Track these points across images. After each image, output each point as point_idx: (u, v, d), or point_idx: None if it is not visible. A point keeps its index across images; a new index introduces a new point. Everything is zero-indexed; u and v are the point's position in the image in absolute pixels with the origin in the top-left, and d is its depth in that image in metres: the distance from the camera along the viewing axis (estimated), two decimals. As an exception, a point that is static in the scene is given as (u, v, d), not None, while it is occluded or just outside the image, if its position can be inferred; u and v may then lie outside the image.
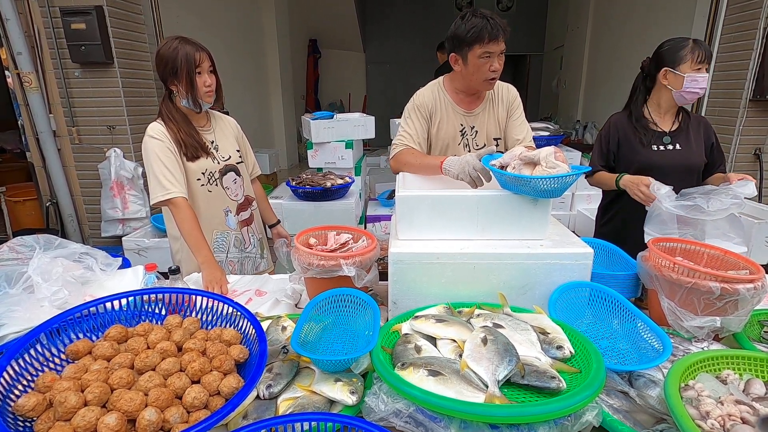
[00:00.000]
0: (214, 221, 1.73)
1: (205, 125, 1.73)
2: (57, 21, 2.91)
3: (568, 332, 0.97)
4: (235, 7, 5.57)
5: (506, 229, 1.22)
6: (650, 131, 1.74)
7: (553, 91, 8.15)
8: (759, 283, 1.01)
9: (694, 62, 1.58)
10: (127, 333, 0.95)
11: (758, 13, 2.85)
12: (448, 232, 1.22)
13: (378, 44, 9.25)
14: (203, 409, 0.79)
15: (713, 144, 1.74)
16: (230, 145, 1.78)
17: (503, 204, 1.20)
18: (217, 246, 1.76)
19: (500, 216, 1.21)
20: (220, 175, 1.72)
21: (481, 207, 1.20)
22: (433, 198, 1.20)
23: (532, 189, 1.15)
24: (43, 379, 0.81)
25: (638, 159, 1.73)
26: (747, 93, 2.97)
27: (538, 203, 1.19)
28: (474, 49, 1.48)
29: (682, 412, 0.73)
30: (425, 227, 1.21)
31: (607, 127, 1.83)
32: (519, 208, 1.20)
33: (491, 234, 1.22)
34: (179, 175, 1.57)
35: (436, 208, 1.20)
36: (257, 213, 1.93)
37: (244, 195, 1.83)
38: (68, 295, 1.24)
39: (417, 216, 1.21)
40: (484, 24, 1.43)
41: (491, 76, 1.52)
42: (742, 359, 0.92)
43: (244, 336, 0.99)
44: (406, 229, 1.22)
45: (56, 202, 3.33)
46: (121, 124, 3.11)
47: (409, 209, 1.21)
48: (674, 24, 4.19)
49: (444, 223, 1.21)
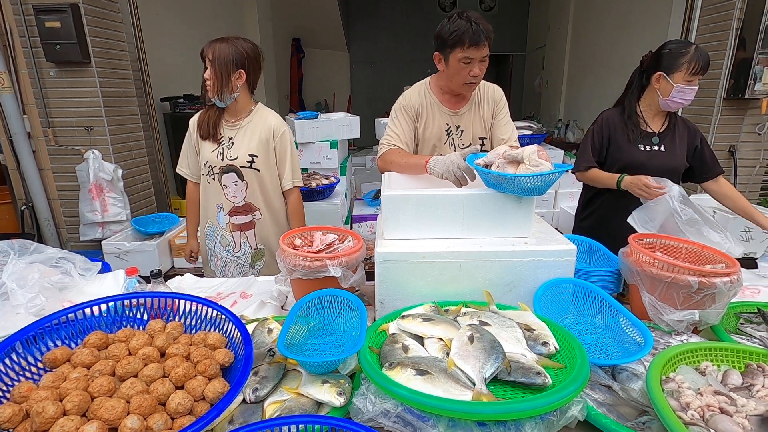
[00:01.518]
0: (208, 211, 1.85)
1: (236, 121, 1.76)
2: (30, 19, 2.81)
3: (553, 328, 0.99)
4: (216, 6, 5.48)
5: (491, 227, 1.23)
6: (639, 130, 1.75)
7: (536, 91, 8.26)
8: (735, 276, 1.05)
9: (688, 73, 1.58)
10: (108, 339, 0.93)
11: (731, 14, 2.93)
12: (433, 231, 1.22)
13: (362, 44, 9.22)
14: (188, 415, 0.78)
15: (696, 147, 1.75)
16: (245, 148, 1.73)
17: (488, 203, 1.21)
18: (208, 234, 1.89)
19: (485, 215, 1.22)
20: (220, 171, 1.75)
21: (466, 206, 1.21)
22: (418, 197, 1.21)
23: (516, 187, 1.16)
24: (19, 389, 0.78)
25: (624, 157, 1.75)
26: (721, 92, 3.06)
27: (522, 202, 1.21)
28: (455, 52, 1.49)
29: (663, 404, 0.74)
30: (411, 226, 1.22)
31: (599, 123, 1.83)
32: (504, 207, 1.21)
33: (477, 233, 1.23)
34: (192, 161, 1.85)
35: (422, 207, 1.20)
36: (264, 223, 1.83)
37: (246, 200, 1.79)
38: (45, 301, 1.20)
39: (403, 215, 1.21)
40: (467, 28, 1.43)
41: (470, 80, 1.53)
42: (720, 351, 0.95)
43: (229, 339, 0.97)
44: (392, 229, 1.22)
45: (32, 206, 3.22)
46: (99, 125, 3.03)
47: (395, 208, 1.21)
48: (651, 25, 4.29)
49: (430, 222, 1.21)
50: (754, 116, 3.12)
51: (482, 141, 1.70)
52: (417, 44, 9.03)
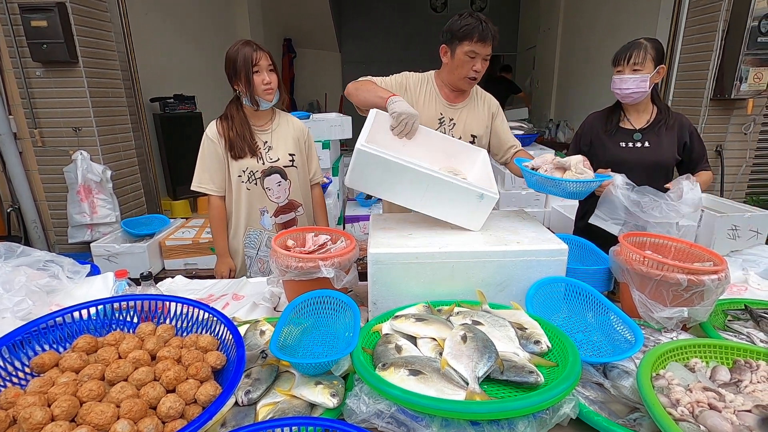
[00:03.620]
0: (250, 218, 1.82)
1: (265, 125, 1.77)
2: (16, 18, 2.76)
3: (545, 327, 0.99)
4: (206, 5, 5.44)
5: (445, 212, 1.31)
6: (618, 127, 1.80)
7: (527, 91, 8.33)
8: (722, 274, 1.06)
9: (619, 65, 1.68)
10: (97, 343, 0.91)
11: (717, 16, 2.98)
12: (392, 195, 1.29)
13: (354, 44, 9.22)
14: (179, 419, 0.77)
15: (686, 143, 1.79)
16: (284, 148, 1.79)
17: (451, 191, 1.26)
18: (248, 242, 1.85)
19: (445, 200, 1.28)
20: (262, 175, 1.76)
21: (430, 186, 1.26)
22: (389, 162, 1.23)
23: (561, 190, 1.32)
24: (6, 395, 0.76)
25: (606, 155, 1.79)
26: (708, 92, 3.11)
27: (482, 202, 1.26)
28: (463, 45, 1.55)
29: (654, 401, 0.75)
30: (374, 184, 1.29)
31: (583, 126, 1.91)
32: (465, 200, 1.27)
33: (430, 211, 1.31)
34: (217, 175, 1.75)
35: (390, 172, 1.25)
36: (303, 219, 1.91)
37: (288, 199, 1.83)
38: (32, 305, 1.19)
39: (370, 172, 1.26)
40: (477, 24, 1.51)
41: (472, 75, 1.59)
42: (709, 347, 0.96)
43: (221, 342, 0.96)
44: (356, 180, 1.29)
45: (18, 208, 3.17)
46: (87, 125, 2.98)
47: (365, 163, 1.25)
48: (639, 25, 4.34)
49: (392, 186, 1.28)
50: (740, 116, 3.17)
51: (474, 138, 1.72)
52: (409, 44, 9.05)
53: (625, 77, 1.66)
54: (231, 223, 1.85)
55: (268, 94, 1.66)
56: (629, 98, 1.71)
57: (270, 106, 1.73)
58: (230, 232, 1.86)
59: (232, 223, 1.85)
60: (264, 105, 1.69)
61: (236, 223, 1.83)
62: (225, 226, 1.84)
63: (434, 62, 1.68)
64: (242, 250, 1.86)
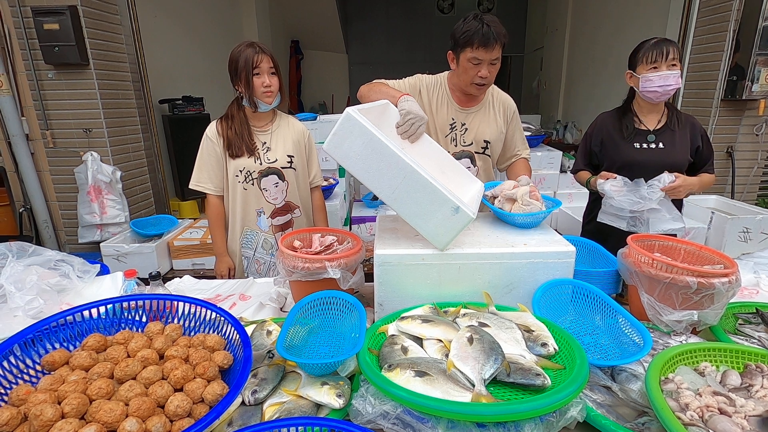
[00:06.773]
0: (246, 219, 1.82)
1: (265, 126, 1.78)
2: (29, 21, 2.81)
3: (552, 329, 0.99)
4: (214, 8, 5.49)
5: (413, 214, 1.16)
6: (633, 128, 1.77)
7: (534, 92, 8.28)
8: (733, 277, 1.05)
9: (647, 63, 1.63)
10: (106, 342, 0.92)
11: (728, 16, 2.95)
12: (365, 174, 1.16)
13: (360, 45, 9.24)
14: (187, 418, 0.78)
15: (699, 147, 1.77)
16: (283, 150, 1.78)
17: (426, 191, 1.12)
18: (245, 242, 1.85)
19: (416, 199, 1.14)
20: (259, 175, 1.75)
21: (406, 178, 1.12)
22: (373, 137, 1.11)
23: (512, 221, 1.35)
24: (17, 392, 0.78)
25: (620, 157, 1.77)
26: (719, 93, 3.07)
27: (456, 216, 1.13)
28: (465, 52, 1.52)
29: (662, 405, 0.74)
30: (352, 156, 1.14)
31: (592, 127, 1.88)
32: (438, 209, 1.13)
33: (398, 208, 1.16)
34: (215, 174, 1.76)
35: (370, 147, 1.12)
36: (301, 221, 1.90)
37: (286, 200, 1.83)
38: (43, 304, 1.20)
39: (351, 142, 1.13)
40: (478, 29, 1.46)
41: (479, 81, 1.56)
42: (719, 351, 0.95)
43: (228, 341, 0.97)
44: (334, 147, 1.15)
45: (30, 208, 3.22)
46: (97, 126, 3.02)
47: (348, 130, 1.12)
48: (648, 25, 4.30)
49: (368, 165, 1.14)
50: (751, 117, 3.13)
51: (486, 144, 1.71)
52: (416, 46, 9.06)
53: (667, 73, 1.61)
54: (228, 224, 1.86)
55: (267, 96, 1.66)
56: (665, 96, 1.67)
57: (269, 109, 1.73)
58: (228, 233, 1.87)
59: (229, 224, 1.86)
60: (263, 107, 1.69)
61: (233, 223, 1.84)
62: (223, 225, 1.85)
63: (441, 64, 1.67)
64: (239, 251, 1.86)
